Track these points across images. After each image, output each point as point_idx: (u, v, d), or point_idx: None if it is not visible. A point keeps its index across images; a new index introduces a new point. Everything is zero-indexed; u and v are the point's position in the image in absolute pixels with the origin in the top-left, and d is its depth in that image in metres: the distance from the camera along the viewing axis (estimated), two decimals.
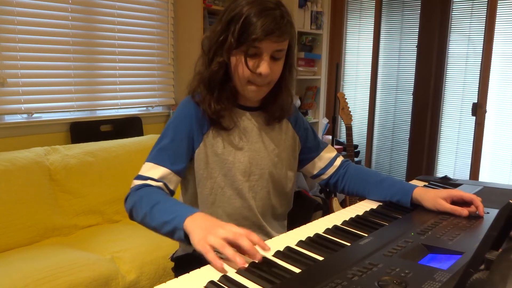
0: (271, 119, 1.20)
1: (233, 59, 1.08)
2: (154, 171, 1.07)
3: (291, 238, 0.95)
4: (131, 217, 1.06)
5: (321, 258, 0.84)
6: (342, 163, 1.33)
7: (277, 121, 1.22)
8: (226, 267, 0.80)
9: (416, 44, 3.22)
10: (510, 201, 0.66)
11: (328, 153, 1.32)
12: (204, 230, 0.85)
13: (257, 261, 0.80)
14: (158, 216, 0.96)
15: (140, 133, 2.84)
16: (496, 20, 2.80)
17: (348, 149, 2.84)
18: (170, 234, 0.94)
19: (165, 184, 1.08)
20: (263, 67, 1.05)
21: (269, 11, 1.02)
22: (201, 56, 1.14)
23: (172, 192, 1.11)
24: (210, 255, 0.80)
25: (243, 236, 0.82)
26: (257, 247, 0.83)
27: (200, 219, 0.90)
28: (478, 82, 2.93)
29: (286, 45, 1.09)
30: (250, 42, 1.02)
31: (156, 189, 1.05)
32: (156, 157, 1.09)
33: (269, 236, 1.19)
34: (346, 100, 2.85)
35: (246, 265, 0.79)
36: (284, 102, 1.18)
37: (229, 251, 0.79)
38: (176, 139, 1.11)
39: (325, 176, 1.32)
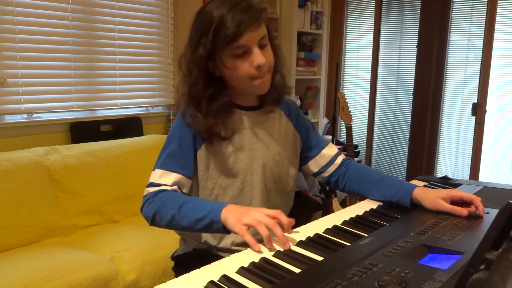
0: (269, 105, 1.20)
1: (225, 67, 1.07)
2: (166, 178, 1.09)
3: (291, 238, 0.95)
4: (153, 222, 1.07)
5: (321, 258, 0.84)
6: (343, 161, 1.33)
7: (276, 104, 1.22)
8: (249, 254, 0.85)
9: (416, 44, 3.22)
10: (510, 201, 0.66)
11: (329, 151, 1.32)
12: (240, 213, 0.93)
13: (284, 249, 0.88)
14: (189, 215, 1.00)
15: (140, 133, 2.84)
16: (496, 20, 2.80)
17: (348, 149, 2.83)
18: (206, 229, 0.99)
19: (179, 189, 1.10)
20: (258, 58, 1.06)
21: (235, 7, 1.03)
22: (181, 78, 1.14)
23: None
24: (248, 237, 0.89)
25: (277, 225, 0.89)
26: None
27: (234, 207, 0.97)
28: (478, 82, 2.93)
29: (265, 29, 1.09)
30: (231, 42, 1.02)
31: (175, 192, 1.07)
32: (165, 164, 1.10)
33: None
34: (346, 100, 2.85)
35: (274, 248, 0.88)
36: (278, 83, 1.18)
37: (264, 229, 0.88)
38: (183, 144, 1.12)
39: (326, 174, 1.32)
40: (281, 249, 0.88)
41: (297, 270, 0.79)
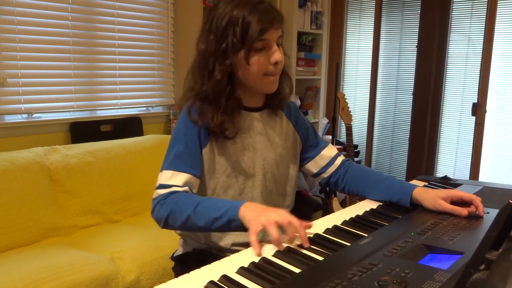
0: (273, 109, 1.22)
1: (239, 61, 1.08)
2: (176, 179, 1.07)
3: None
4: (166, 224, 1.05)
5: (321, 258, 0.84)
6: (342, 162, 1.33)
7: (281, 108, 1.24)
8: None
9: (416, 44, 3.22)
10: (510, 201, 0.66)
11: (329, 152, 1.33)
12: (257, 212, 0.93)
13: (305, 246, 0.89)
14: (205, 215, 0.99)
15: (140, 133, 2.84)
16: (496, 20, 2.80)
17: (348, 149, 2.84)
18: (224, 227, 0.98)
19: (189, 189, 1.08)
20: (277, 55, 1.09)
21: (258, 5, 1.07)
22: (191, 72, 1.14)
23: None
24: (253, 238, 0.88)
25: (293, 225, 0.89)
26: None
27: (253, 205, 0.97)
28: (478, 82, 2.93)
29: (281, 31, 1.12)
30: (255, 37, 1.04)
31: (187, 193, 1.06)
32: (174, 164, 1.09)
33: None
34: (346, 100, 2.85)
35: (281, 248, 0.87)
36: (285, 87, 1.21)
37: (275, 231, 0.87)
38: (189, 143, 1.11)
39: (325, 175, 1.32)
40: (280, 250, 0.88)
41: (297, 270, 0.79)
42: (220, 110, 1.10)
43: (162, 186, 1.07)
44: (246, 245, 0.91)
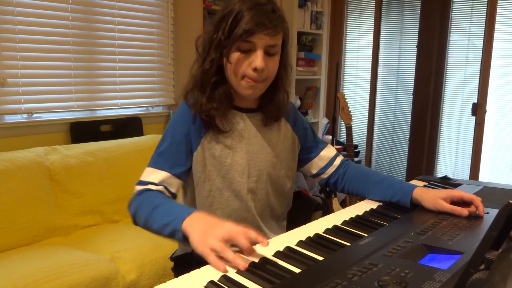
0: (268, 119, 1.20)
1: (229, 58, 1.08)
2: (154, 176, 1.09)
3: (291, 238, 0.95)
4: (135, 222, 1.07)
5: (321, 258, 0.84)
6: (342, 162, 1.33)
7: (275, 121, 1.22)
8: (228, 267, 0.80)
9: (416, 44, 3.22)
10: (510, 201, 0.66)
11: (328, 153, 1.32)
12: (202, 231, 0.87)
13: (255, 260, 0.81)
14: (158, 219, 0.98)
15: (140, 133, 2.84)
16: (496, 20, 2.80)
17: (348, 149, 2.83)
18: (171, 236, 0.95)
19: (165, 188, 1.09)
20: (258, 61, 1.05)
21: (260, 6, 1.04)
22: (196, 60, 1.14)
23: (174, 195, 1.11)
24: (211, 258, 0.82)
25: (240, 234, 0.83)
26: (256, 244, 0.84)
27: (197, 219, 0.91)
28: (478, 82, 2.93)
29: (280, 40, 1.09)
30: (242, 36, 1.02)
31: (156, 193, 1.06)
32: (155, 162, 1.11)
33: (267, 237, 1.18)
34: (346, 100, 2.85)
35: (246, 266, 0.79)
36: (280, 101, 1.18)
37: (230, 255, 0.80)
38: (174, 143, 1.11)
39: (325, 176, 1.32)
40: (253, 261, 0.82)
41: (297, 270, 0.79)
42: (205, 96, 1.10)
43: (140, 183, 1.10)
44: None
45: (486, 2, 2.84)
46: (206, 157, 1.13)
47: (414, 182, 1.40)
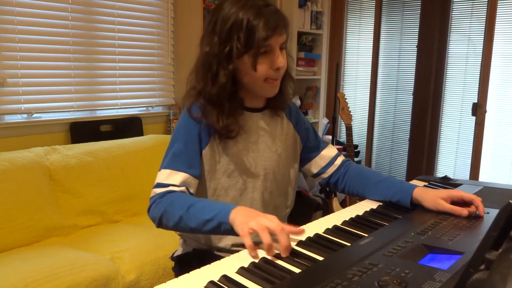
0: (274, 115, 1.22)
1: (242, 65, 1.08)
2: (173, 178, 1.07)
3: (291, 238, 0.95)
4: (160, 224, 1.05)
5: (321, 258, 0.84)
6: (342, 162, 1.33)
7: (282, 110, 1.24)
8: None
9: (416, 44, 3.22)
10: (510, 201, 0.66)
11: (329, 152, 1.33)
12: (247, 216, 0.91)
13: (284, 256, 0.85)
14: (197, 216, 0.98)
15: (140, 133, 2.84)
16: (496, 20, 2.79)
17: (348, 149, 2.83)
18: (215, 230, 0.97)
19: (186, 189, 1.08)
20: (280, 61, 1.08)
21: (264, 9, 1.05)
22: (194, 72, 1.13)
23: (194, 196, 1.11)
24: (247, 240, 0.85)
25: (284, 231, 0.86)
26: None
27: (244, 210, 0.95)
28: (478, 82, 2.93)
29: (286, 36, 1.11)
30: (262, 43, 1.04)
31: (182, 194, 1.05)
32: (172, 163, 1.09)
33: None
34: (346, 100, 2.85)
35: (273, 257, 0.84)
36: (287, 89, 1.20)
37: (267, 237, 0.84)
38: (189, 143, 1.10)
39: (325, 175, 1.32)
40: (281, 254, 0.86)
41: (297, 270, 0.79)
42: (225, 113, 1.10)
43: (159, 185, 1.07)
44: None
45: (486, 2, 2.84)
46: (214, 156, 1.14)
47: (414, 182, 1.40)
